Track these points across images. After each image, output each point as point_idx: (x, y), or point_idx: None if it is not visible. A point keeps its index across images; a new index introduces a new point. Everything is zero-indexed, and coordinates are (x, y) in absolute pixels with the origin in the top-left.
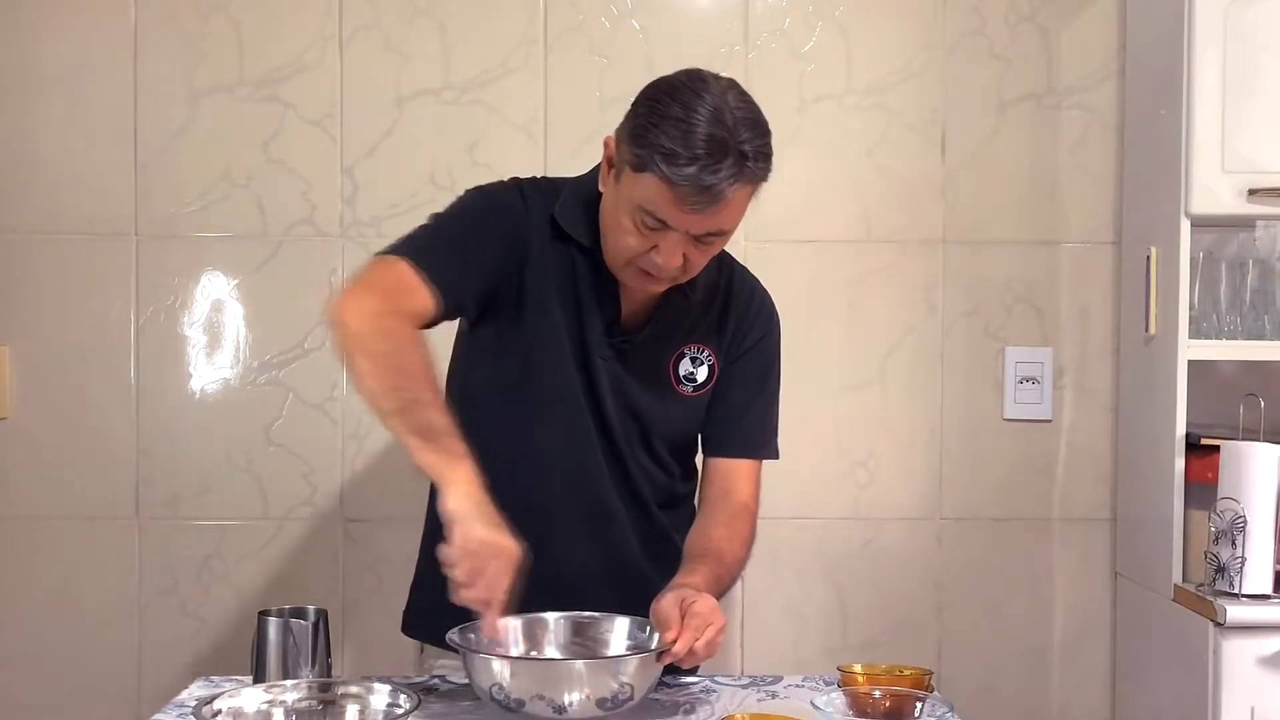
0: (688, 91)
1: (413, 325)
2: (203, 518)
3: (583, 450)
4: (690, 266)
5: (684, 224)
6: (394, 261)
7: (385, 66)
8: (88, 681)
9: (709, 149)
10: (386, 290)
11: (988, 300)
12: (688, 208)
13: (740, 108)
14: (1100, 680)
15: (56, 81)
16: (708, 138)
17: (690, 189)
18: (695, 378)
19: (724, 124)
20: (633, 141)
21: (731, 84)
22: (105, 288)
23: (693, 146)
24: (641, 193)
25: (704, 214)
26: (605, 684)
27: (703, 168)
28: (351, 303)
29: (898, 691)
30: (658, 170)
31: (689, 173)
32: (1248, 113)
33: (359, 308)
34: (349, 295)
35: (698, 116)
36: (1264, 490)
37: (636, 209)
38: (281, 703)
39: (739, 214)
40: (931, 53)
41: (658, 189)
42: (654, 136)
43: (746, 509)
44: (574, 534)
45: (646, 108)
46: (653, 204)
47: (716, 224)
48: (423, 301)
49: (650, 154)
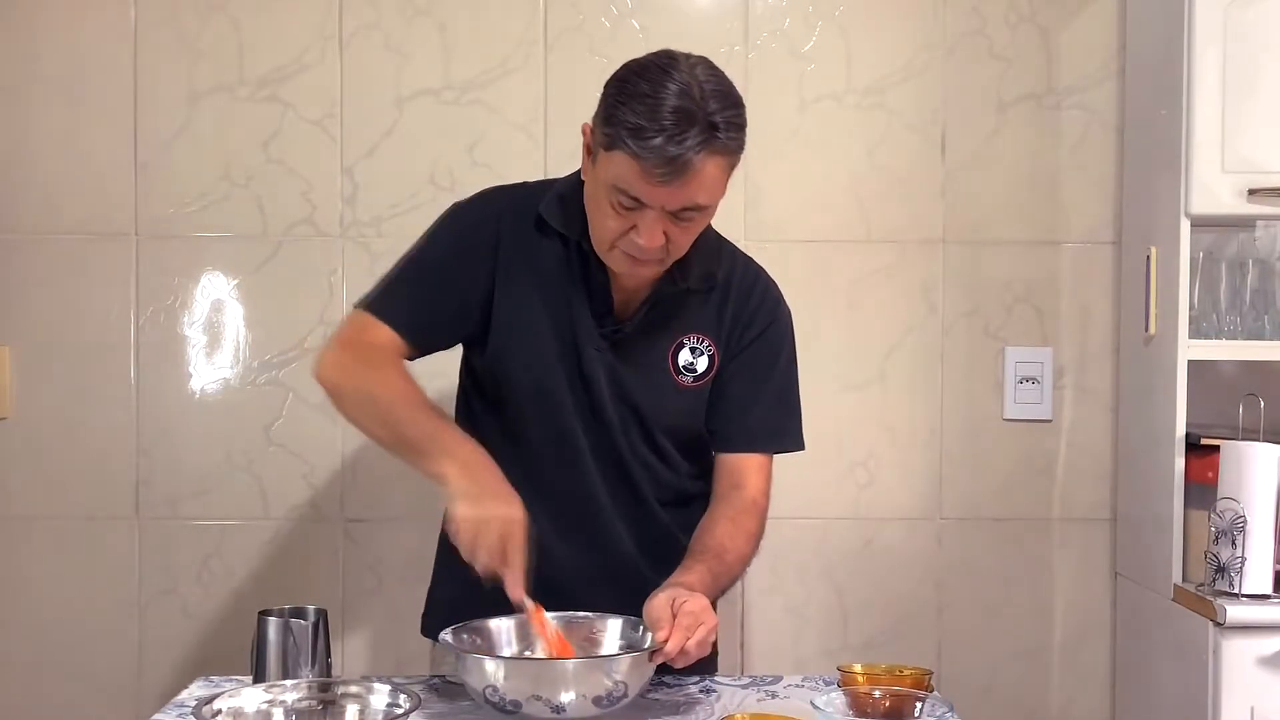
0: (656, 69)
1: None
2: (203, 518)
3: (570, 444)
4: (674, 247)
5: (656, 198)
6: (358, 314)
7: (385, 66)
8: (88, 681)
9: (676, 120)
10: (350, 342)
11: (988, 300)
12: (657, 180)
13: (709, 80)
14: (1100, 680)
15: (56, 81)
16: (674, 109)
17: (657, 160)
18: (695, 368)
19: (691, 96)
20: (604, 122)
21: (701, 60)
22: (105, 288)
23: (660, 119)
24: (614, 171)
25: (673, 186)
26: (598, 683)
27: (669, 138)
28: (323, 361)
29: (898, 691)
30: (626, 146)
31: (655, 144)
32: (1248, 113)
33: (328, 363)
34: (323, 356)
35: (665, 91)
36: (1264, 490)
37: (611, 189)
38: (281, 703)
39: (716, 187)
40: (931, 53)
41: (628, 165)
42: (622, 114)
43: (755, 504)
44: (562, 531)
45: (616, 88)
46: (625, 181)
47: (690, 197)
48: (388, 339)
49: (619, 131)
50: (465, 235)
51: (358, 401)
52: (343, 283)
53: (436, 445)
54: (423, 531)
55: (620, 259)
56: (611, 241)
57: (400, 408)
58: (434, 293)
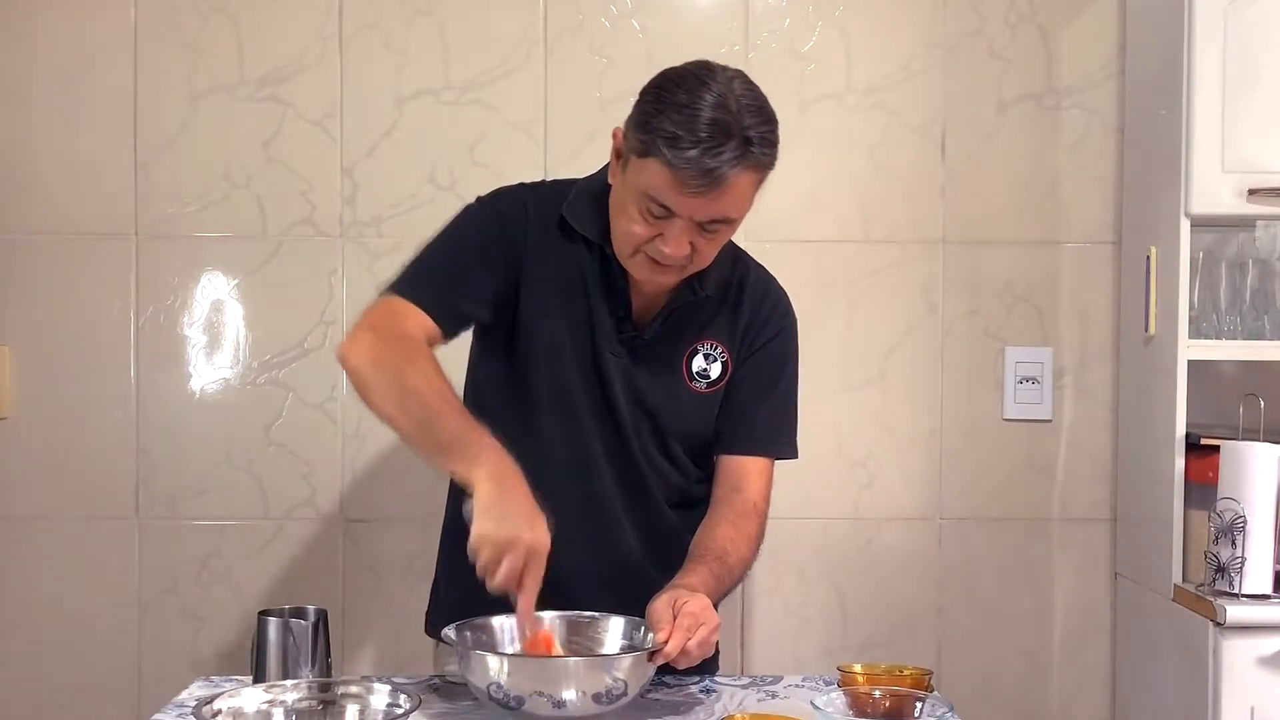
0: (694, 79)
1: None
2: (203, 518)
3: (584, 446)
4: (698, 257)
5: (688, 209)
6: (388, 297)
7: (385, 66)
8: (88, 681)
9: (712, 133)
10: (379, 324)
11: (988, 300)
12: (690, 191)
13: (746, 95)
14: (1100, 680)
15: (56, 81)
16: (711, 122)
17: (692, 172)
18: (708, 374)
19: (728, 109)
20: (639, 128)
21: (738, 73)
22: (105, 288)
23: (696, 131)
24: (646, 178)
25: (706, 198)
26: (599, 680)
27: (705, 150)
28: (351, 344)
29: (898, 691)
30: (661, 154)
31: (691, 155)
32: (1248, 112)
33: (357, 347)
34: (349, 338)
35: (702, 102)
36: (1264, 490)
37: (642, 195)
38: (281, 703)
39: (744, 201)
40: (931, 53)
41: (661, 173)
42: (659, 122)
43: (755, 508)
44: (572, 531)
45: (653, 95)
46: (657, 189)
47: (720, 210)
48: (419, 326)
49: (654, 139)
50: (496, 224)
51: (387, 391)
52: (343, 283)
53: (466, 451)
54: (423, 531)
55: (642, 265)
56: (636, 247)
57: (432, 403)
58: (467, 276)
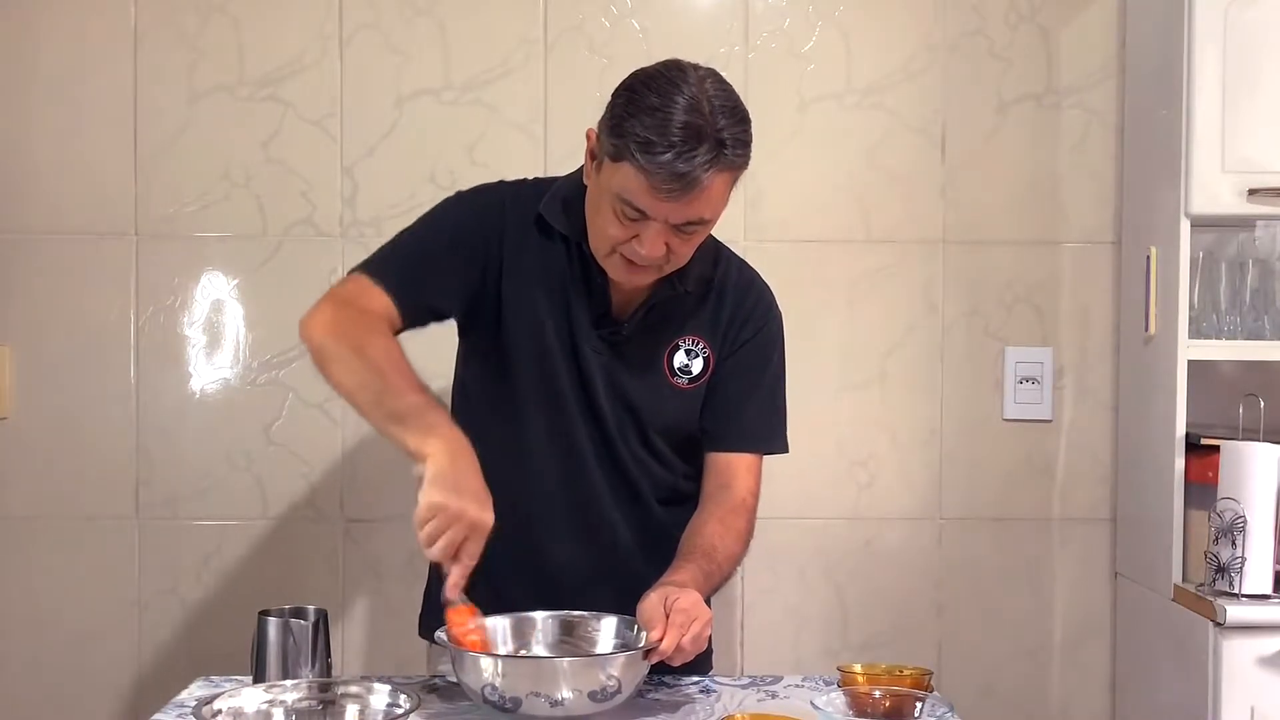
0: (665, 81)
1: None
2: (203, 518)
3: (570, 444)
4: (675, 257)
5: (662, 213)
6: (355, 276)
7: (385, 66)
8: (88, 681)
9: (685, 136)
10: (341, 299)
11: (988, 300)
12: (664, 195)
13: (718, 95)
14: (1100, 680)
15: (56, 81)
16: (684, 125)
17: (665, 176)
18: (690, 370)
19: (700, 112)
20: (611, 132)
21: (710, 73)
22: (105, 288)
23: (668, 135)
24: (620, 182)
25: (681, 202)
26: (594, 679)
27: (678, 155)
28: (312, 317)
29: (898, 691)
30: (634, 159)
31: (664, 160)
32: (1247, 112)
33: (319, 319)
34: (311, 311)
35: (674, 105)
36: (1264, 490)
37: (616, 199)
38: (281, 703)
39: (719, 202)
40: (931, 53)
41: (635, 178)
42: (631, 126)
43: (744, 504)
44: (562, 530)
45: (624, 98)
46: (631, 193)
47: (695, 212)
48: (380, 306)
49: (627, 143)
50: (472, 220)
51: (345, 361)
52: None
53: (422, 421)
54: None
55: (618, 265)
56: (612, 247)
57: (390, 375)
58: (435, 268)
